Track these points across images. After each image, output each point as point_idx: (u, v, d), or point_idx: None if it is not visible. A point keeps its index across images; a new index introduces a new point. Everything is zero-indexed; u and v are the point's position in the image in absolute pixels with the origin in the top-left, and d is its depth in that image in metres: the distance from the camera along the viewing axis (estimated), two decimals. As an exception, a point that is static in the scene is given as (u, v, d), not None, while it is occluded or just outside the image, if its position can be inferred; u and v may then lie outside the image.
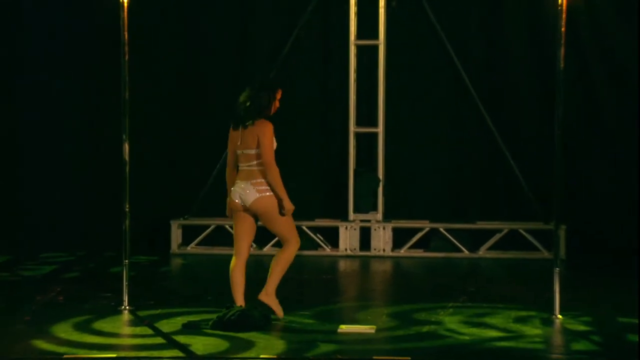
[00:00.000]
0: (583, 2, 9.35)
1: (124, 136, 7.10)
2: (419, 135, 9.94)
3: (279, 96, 6.70)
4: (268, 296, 6.68)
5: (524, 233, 9.55)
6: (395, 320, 6.82)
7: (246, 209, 6.59)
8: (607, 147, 9.66)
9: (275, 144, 6.62)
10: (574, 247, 9.39)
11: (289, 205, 6.56)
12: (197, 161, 10.03)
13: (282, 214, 6.56)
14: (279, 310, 6.71)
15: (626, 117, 9.59)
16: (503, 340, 6.23)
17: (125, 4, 7.00)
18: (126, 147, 7.10)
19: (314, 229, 9.86)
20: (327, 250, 9.82)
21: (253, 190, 6.54)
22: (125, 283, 7.07)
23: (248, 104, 6.56)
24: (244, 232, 6.66)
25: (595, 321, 6.76)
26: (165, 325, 6.57)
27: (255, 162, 6.56)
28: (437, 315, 6.89)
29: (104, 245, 9.59)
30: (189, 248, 9.89)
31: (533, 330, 6.48)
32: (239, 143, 6.61)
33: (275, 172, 6.52)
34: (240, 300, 6.64)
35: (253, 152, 6.55)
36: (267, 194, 6.54)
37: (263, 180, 6.54)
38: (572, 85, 9.26)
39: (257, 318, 6.49)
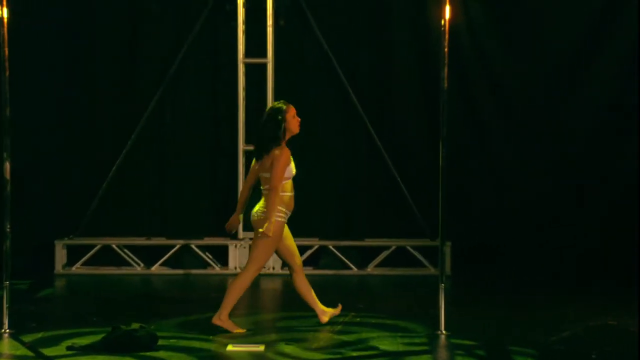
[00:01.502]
0: (465, 23, 9.60)
1: (4, 154, 6.92)
2: (308, 152, 9.97)
3: (292, 113, 6.89)
4: (221, 321, 6.85)
5: (411, 250, 9.69)
6: (284, 337, 6.81)
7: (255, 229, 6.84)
8: (491, 164, 9.89)
9: (293, 172, 6.82)
10: (460, 263, 9.58)
11: (268, 232, 6.70)
12: (83, 180, 9.84)
13: (260, 233, 6.74)
14: (235, 329, 6.87)
15: (509, 135, 9.86)
16: (390, 356, 6.29)
17: (5, 20, 6.84)
18: (7, 165, 6.92)
19: (203, 248, 9.79)
20: (217, 269, 9.76)
21: (259, 211, 6.80)
22: (5, 305, 6.87)
23: (261, 136, 6.82)
24: (281, 251, 6.95)
25: (480, 336, 6.89)
26: (49, 349, 6.40)
27: (268, 187, 6.76)
28: (326, 332, 6.91)
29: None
30: (73, 268, 9.68)
31: (419, 346, 6.57)
32: (257, 167, 6.85)
33: (275, 197, 6.70)
34: (317, 307, 7.08)
35: (267, 175, 6.76)
36: (264, 216, 6.74)
37: None
38: (456, 104, 9.45)
39: (144, 338, 6.40)
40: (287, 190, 6.79)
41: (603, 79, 9.71)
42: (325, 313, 7.12)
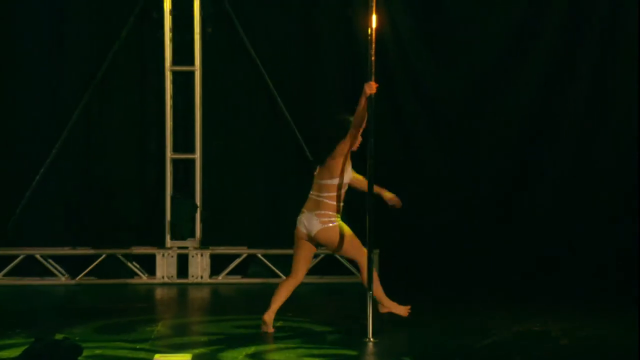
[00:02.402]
0: (391, 32, 9.68)
1: None
2: (237, 161, 9.96)
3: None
4: (386, 307, 7.28)
5: (339, 258, 9.71)
6: (212, 347, 6.77)
7: (310, 238, 7.02)
8: (419, 172, 9.98)
9: (348, 177, 6.98)
10: (388, 270, 9.62)
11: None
12: (5, 188, 9.66)
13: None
14: (403, 310, 7.35)
15: (437, 143, 9.96)
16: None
17: None
18: None
19: (130, 257, 9.68)
20: (144, 278, 9.66)
21: (317, 222, 6.98)
22: None
23: (327, 144, 6.98)
24: (304, 258, 7.13)
25: (408, 343, 6.94)
26: (-31, 361, 6.27)
27: (325, 194, 6.98)
28: (255, 342, 6.89)
29: None
30: (-4, 279, 9.50)
31: (347, 353, 6.58)
32: (316, 173, 7.06)
33: (356, 114, 6.85)
34: (273, 307, 7.09)
35: (325, 182, 6.98)
36: (330, 225, 6.98)
37: (326, 212, 6.98)
38: (383, 112, 9.52)
39: (68, 349, 6.30)
40: (341, 200, 7.02)
41: (529, 86, 9.90)
42: (270, 324, 7.19)
